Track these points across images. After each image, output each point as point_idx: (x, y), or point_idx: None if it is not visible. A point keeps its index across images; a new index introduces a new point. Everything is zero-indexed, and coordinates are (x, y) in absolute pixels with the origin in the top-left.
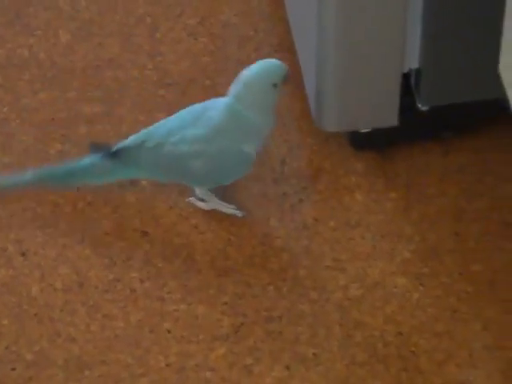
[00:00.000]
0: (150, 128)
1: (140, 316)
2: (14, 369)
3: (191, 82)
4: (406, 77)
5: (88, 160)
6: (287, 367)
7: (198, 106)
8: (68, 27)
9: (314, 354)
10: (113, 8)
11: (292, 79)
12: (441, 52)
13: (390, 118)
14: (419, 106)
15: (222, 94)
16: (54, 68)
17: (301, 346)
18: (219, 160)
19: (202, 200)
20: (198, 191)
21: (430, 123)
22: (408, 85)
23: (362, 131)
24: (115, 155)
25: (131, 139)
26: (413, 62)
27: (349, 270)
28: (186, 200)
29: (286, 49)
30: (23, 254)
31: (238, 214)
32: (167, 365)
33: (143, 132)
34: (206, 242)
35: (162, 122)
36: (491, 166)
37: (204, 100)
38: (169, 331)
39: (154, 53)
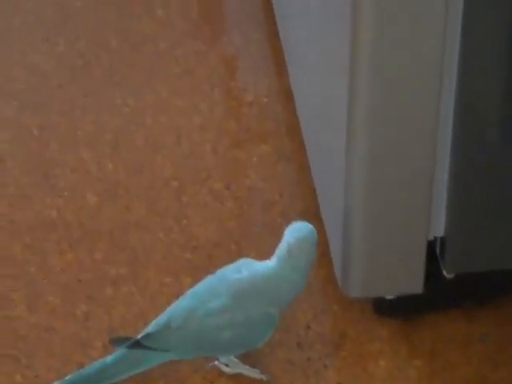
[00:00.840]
0: (170, 309)
1: None
2: None
3: (217, 246)
4: (431, 244)
5: (114, 356)
6: None
7: (210, 278)
8: (95, 189)
9: None
10: (139, 171)
11: (318, 245)
12: (466, 222)
13: (414, 285)
14: (444, 273)
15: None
16: (81, 229)
17: None
18: (246, 326)
19: (227, 365)
20: (221, 358)
21: (454, 291)
22: (433, 252)
23: (387, 298)
24: (141, 344)
25: (154, 324)
26: (438, 230)
27: None
28: (210, 364)
29: (311, 215)
30: None
31: (264, 377)
32: None
33: (163, 315)
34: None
35: (179, 300)
36: None
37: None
38: None
39: (180, 216)
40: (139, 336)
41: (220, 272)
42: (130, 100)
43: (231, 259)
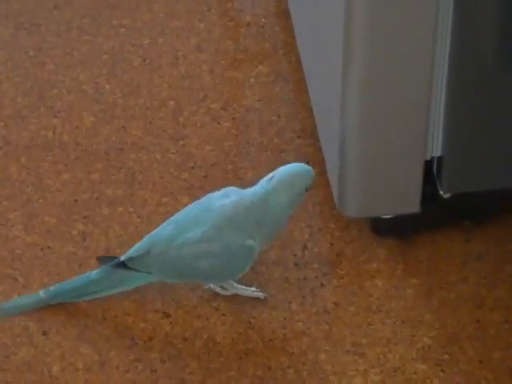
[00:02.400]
0: (153, 234)
1: None
2: None
3: (214, 166)
4: (428, 164)
5: (98, 273)
6: None
7: (194, 205)
8: (92, 110)
9: None
10: (136, 91)
11: (315, 165)
12: (463, 141)
13: (412, 204)
14: (441, 193)
15: (244, 178)
16: (78, 150)
17: None
18: (224, 257)
19: (222, 287)
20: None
21: (451, 211)
22: (430, 172)
23: (384, 217)
24: (125, 265)
25: (137, 247)
26: (435, 150)
27: (369, 354)
28: (206, 287)
29: (308, 134)
30: (44, 333)
31: (261, 295)
32: None
33: (146, 240)
34: (227, 325)
35: (161, 227)
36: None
37: (226, 185)
38: None
39: (177, 136)
40: (122, 258)
41: (205, 199)
42: (126, 21)
43: (228, 179)
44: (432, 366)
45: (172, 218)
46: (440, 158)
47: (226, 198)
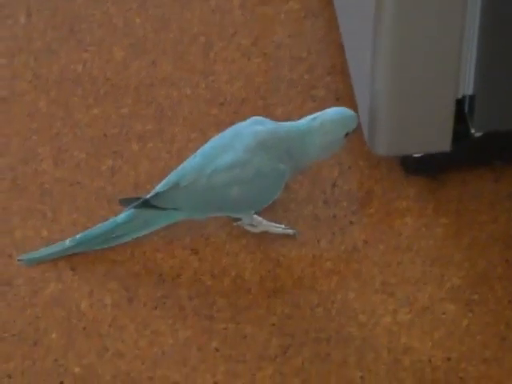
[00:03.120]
0: (179, 169)
1: (188, 333)
2: (61, 382)
3: (243, 102)
4: (459, 103)
5: (124, 216)
6: None
7: (221, 135)
8: (122, 44)
9: (361, 377)
10: (167, 26)
11: (345, 102)
12: (495, 79)
13: (442, 143)
14: (472, 132)
15: (274, 114)
16: (107, 84)
17: (348, 368)
18: (255, 182)
19: (251, 224)
20: (244, 219)
21: (482, 150)
22: (462, 111)
23: (415, 156)
24: (150, 203)
25: (163, 184)
26: (467, 89)
27: (398, 294)
28: (234, 224)
29: (338, 71)
30: (73, 269)
31: (290, 232)
32: (214, 383)
33: (173, 174)
34: (256, 262)
35: (189, 159)
36: None
37: None
38: (217, 350)
39: (207, 72)
40: (148, 196)
41: (232, 128)
42: None
43: (258, 115)
44: (461, 305)
45: (198, 150)
46: (472, 97)
47: (258, 125)
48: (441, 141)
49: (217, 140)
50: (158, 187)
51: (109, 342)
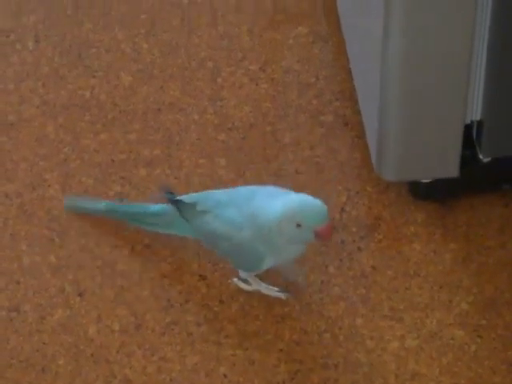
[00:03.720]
0: (209, 193)
1: (196, 359)
2: None
3: (252, 127)
4: (467, 128)
5: (157, 207)
6: None
7: (257, 189)
8: (129, 69)
9: None
10: (174, 51)
11: (353, 128)
12: (503, 105)
13: (451, 169)
14: (480, 157)
15: (282, 141)
16: (115, 110)
17: None
18: (237, 251)
19: (246, 281)
20: (240, 273)
21: (491, 175)
22: (470, 136)
23: (423, 181)
24: (176, 204)
25: (190, 196)
26: (475, 114)
27: (406, 319)
28: (229, 281)
29: (347, 97)
30: (80, 295)
31: (282, 296)
32: None
33: (202, 193)
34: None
35: (222, 190)
36: None
37: (263, 147)
38: (225, 376)
39: (215, 97)
40: (177, 197)
41: (265, 190)
42: None
43: (265, 141)
44: (469, 331)
45: (232, 189)
46: (480, 122)
47: (273, 198)
48: (449, 166)
49: (249, 190)
50: (185, 196)
51: (116, 369)
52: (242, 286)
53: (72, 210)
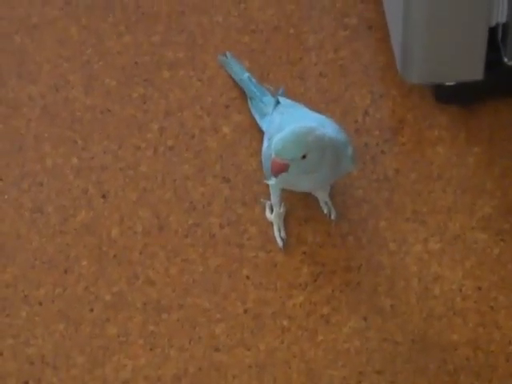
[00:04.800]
0: (288, 100)
1: (219, 261)
2: (91, 309)
3: (275, 30)
4: (493, 31)
5: (269, 97)
6: (364, 318)
7: (316, 118)
8: None
9: (391, 305)
10: None
11: (377, 31)
12: None
13: (475, 71)
14: (505, 60)
15: (305, 43)
16: (139, 12)
17: (379, 297)
18: (265, 156)
19: (271, 208)
20: (272, 196)
21: None
22: (495, 39)
23: (447, 84)
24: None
25: (279, 98)
26: (500, 17)
27: (429, 223)
28: (261, 200)
29: (371, 1)
30: (104, 196)
31: (280, 245)
32: (244, 311)
33: (285, 100)
34: (287, 191)
35: (302, 107)
36: None
37: (287, 50)
38: (247, 277)
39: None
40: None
41: (314, 116)
42: None
43: (289, 43)
44: (492, 235)
45: (306, 110)
46: (505, 25)
47: (320, 126)
48: (473, 69)
49: (307, 112)
50: (278, 95)
51: (139, 270)
52: (266, 210)
53: (222, 64)
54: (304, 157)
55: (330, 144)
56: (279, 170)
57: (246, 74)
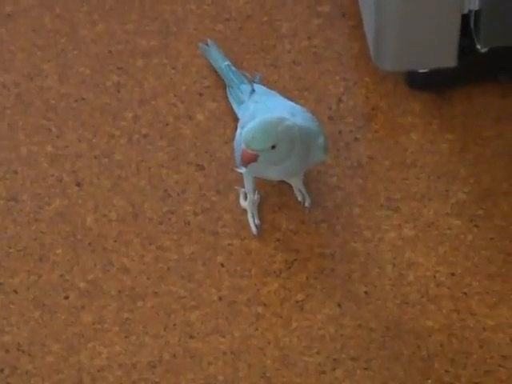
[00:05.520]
0: (264, 88)
1: (193, 249)
2: (67, 297)
3: (249, 18)
4: (465, 18)
5: (246, 85)
6: (338, 305)
7: (289, 106)
8: None
9: (365, 292)
10: None
11: (349, 18)
12: None
13: (448, 58)
14: (478, 47)
15: (279, 31)
16: (112, 0)
17: (353, 283)
18: (237, 143)
19: (246, 196)
20: (245, 184)
21: (488, 65)
22: (468, 26)
23: (420, 71)
24: (252, 87)
25: (260, 87)
26: (473, 3)
27: (403, 209)
28: (236, 187)
29: None
30: (78, 184)
31: (254, 231)
32: (219, 298)
33: (260, 88)
34: (261, 178)
35: (269, 97)
36: None
37: (261, 38)
38: (222, 265)
39: None
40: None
41: (289, 105)
42: None
43: (263, 31)
44: (466, 221)
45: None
46: (477, 12)
47: (291, 116)
48: (446, 56)
49: (280, 100)
50: (258, 86)
51: (114, 258)
52: (240, 197)
53: (202, 53)
54: (273, 147)
55: (299, 134)
56: (248, 160)
57: (226, 63)
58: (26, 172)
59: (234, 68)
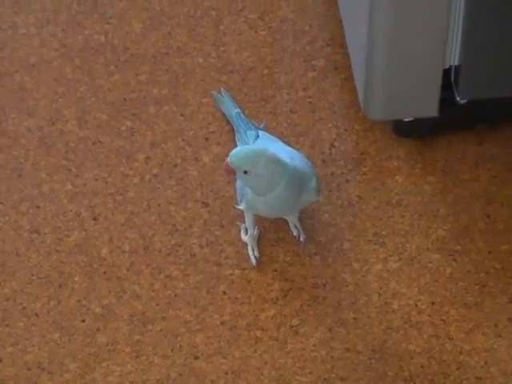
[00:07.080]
0: (268, 135)
1: (198, 278)
2: (83, 320)
3: (250, 71)
4: (446, 72)
5: (252, 132)
6: (329, 329)
7: (287, 151)
8: (140, 17)
9: (354, 318)
10: (181, 1)
11: (343, 71)
12: (479, 51)
13: (430, 109)
14: (458, 99)
15: (278, 83)
16: (127, 53)
17: (342, 310)
18: (238, 183)
19: (246, 229)
20: (246, 220)
21: (467, 115)
22: (448, 80)
23: (405, 120)
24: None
25: (264, 134)
26: (453, 59)
27: (388, 244)
28: (237, 223)
29: (337, 43)
30: (95, 219)
31: (254, 262)
32: (221, 323)
33: (264, 134)
34: (259, 215)
35: (272, 142)
36: None
37: (262, 88)
38: (224, 293)
39: (218, 43)
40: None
41: (287, 151)
42: None
43: (263, 83)
44: (445, 255)
45: (283, 144)
46: (457, 67)
47: (290, 158)
48: (429, 107)
49: (284, 149)
50: (263, 133)
51: (126, 285)
52: (242, 232)
53: (214, 100)
54: (245, 172)
55: (295, 176)
56: (225, 169)
57: (236, 110)
58: (47, 207)
59: (242, 115)
